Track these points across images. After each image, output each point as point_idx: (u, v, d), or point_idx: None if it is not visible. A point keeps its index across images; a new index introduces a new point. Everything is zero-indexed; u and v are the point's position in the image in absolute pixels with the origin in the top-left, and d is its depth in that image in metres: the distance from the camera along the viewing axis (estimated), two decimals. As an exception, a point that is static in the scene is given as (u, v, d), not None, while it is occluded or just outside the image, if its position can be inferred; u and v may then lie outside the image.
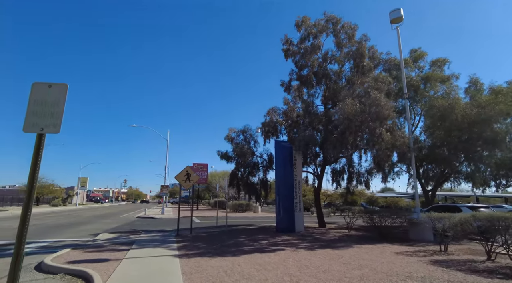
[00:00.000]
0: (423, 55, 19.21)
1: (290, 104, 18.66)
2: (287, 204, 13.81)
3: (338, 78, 16.03)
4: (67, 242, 11.80)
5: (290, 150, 14.52)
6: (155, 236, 13.07)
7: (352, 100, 11.72)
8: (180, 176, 14.25)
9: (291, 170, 14.26)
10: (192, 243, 10.77)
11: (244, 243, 10.59)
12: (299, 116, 18.16)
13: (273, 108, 19.82)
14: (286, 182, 14.04)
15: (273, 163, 18.38)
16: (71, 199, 65.40)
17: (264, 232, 14.26)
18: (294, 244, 10.47)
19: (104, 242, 11.27)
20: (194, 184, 38.23)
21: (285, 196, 13.91)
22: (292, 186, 14.05)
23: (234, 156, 17.78)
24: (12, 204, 49.90)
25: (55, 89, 2.46)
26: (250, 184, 17.89)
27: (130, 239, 12.00)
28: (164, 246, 10.11)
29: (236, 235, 13.09)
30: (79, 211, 40.76)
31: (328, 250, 9.21)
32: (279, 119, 19.24)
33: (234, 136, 18.56)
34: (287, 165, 14.31)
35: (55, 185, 60.36)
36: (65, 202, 58.57)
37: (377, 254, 8.74)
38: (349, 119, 11.41)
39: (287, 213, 13.74)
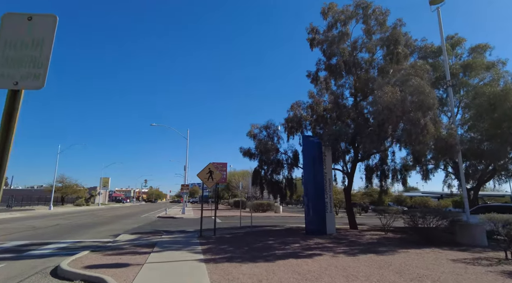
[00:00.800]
0: (461, 42, 17.57)
1: (315, 97, 17.56)
2: (317, 204, 12.75)
3: (370, 67, 14.79)
4: (87, 243, 11.27)
5: (319, 145, 13.45)
6: (177, 237, 12.36)
7: (392, 88, 10.53)
8: (203, 174, 13.48)
9: (320, 167, 13.18)
10: (217, 246, 9.93)
11: (274, 247, 9.64)
12: (326, 110, 17.02)
13: (297, 102, 18.80)
14: (315, 180, 12.98)
15: (298, 160, 17.35)
16: (94, 199, 66.67)
17: (292, 234, 13.26)
18: (330, 248, 9.41)
19: (125, 244, 10.64)
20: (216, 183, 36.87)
21: (314, 196, 12.85)
22: (322, 185, 12.98)
23: (257, 153, 16.85)
24: (39, 204, 51.23)
25: (38, 23, 1.60)
26: (275, 183, 16.91)
27: (151, 241, 11.32)
28: (187, 249, 9.32)
29: (263, 237, 12.17)
30: (101, 210, 41.16)
31: (372, 256, 8.11)
32: (303, 114, 18.18)
33: (256, 133, 17.64)
34: (316, 161, 13.24)
35: (79, 185, 61.69)
36: (88, 202, 59.68)
37: (430, 261, 7.56)
38: (389, 109, 10.22)
39: (317, 213, 12.68)
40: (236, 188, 50.92)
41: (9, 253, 9.02)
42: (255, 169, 18.00)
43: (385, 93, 10.34)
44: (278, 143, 17.04)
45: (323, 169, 13.21)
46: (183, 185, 35.18)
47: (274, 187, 16.85)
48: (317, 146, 13.42)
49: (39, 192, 60.20)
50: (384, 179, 15.06)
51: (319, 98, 17.86)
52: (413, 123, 9.99)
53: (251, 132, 17.76)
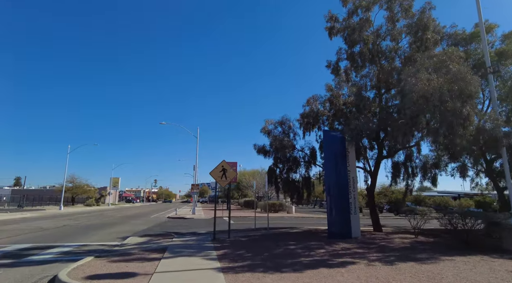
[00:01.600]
0: (492, 28, 16.16)
1: (334, 90, 16.46)
2: (341, 205, 11.67)
3: (395, 55, 13.60)
4: (93, 247, 10.46)
5: (341, 140, 12.35)
6: (189, 241, 11.46)
7: (427, 74, 9.39)
8: (216, 172, 12.55)
9: (344, 165, 12.09)
10: (233, 251, 8.97)
11: (298, 253, 8.62)
12: (346, 104, 15.91)
13: (313, 96, 17.72)
14: (338, 179, 11.89)
15: (316, 157, 16.30)
16: (104, 199, 66.68)
17: (314, 237, 12.21)
18: (361, 254, 8.35)
19: (132, 248, 9.77)
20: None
21: (338, 196, 11.77)
22: (346, 184, 11.89)
23: (272, 150, 15.84)
24: (50, 204, 51.31)
25: None
26: (291, 182, 15.87)
27: (161, 245, 10.44)
28: (201, 255, 8.38)
29: (282, 240, 11.16)
30: (111, 210, 40.77)
31: (414, 265, 7.02)
32: (320, 109, 17.09)
33: (271, 129, 16.63)
34: (339, 159, 12.15)
35: (89, 185, 61.72)
36: (98, 202, 59.64)
37: (487, 273, 6.44)
38: (424, 98, 9.08)
39: (341, 215, 11.60)
40: (246, 187, 50.10)
41: (8, 259, 8.25)
42: (269, 168, 16.99)
43: (420, 80, 9.20)
44: (294, 139, 16.02)
45: (346, 167, 12.12)
46: (193, 184, 34.41)
47: (291, 186, 15.82)
48: (339, 141, 12.33)
49: (51, 192, 60.44)
50: (411, 177, 13.88)
51: (338, 91, 16.77)
52: (454, 113, 8.83)
53: (265, 128, 16.77)
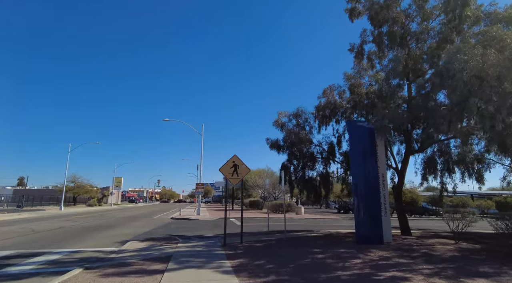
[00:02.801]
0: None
1: (354, 78, 14.98)
2: (371, 206, 10.14)
3: (427, 37, 12.05)
4: (86, 254, 9.03)
5: (370, 132, 10.83)
6: (196, 246, 10.00)
7: (482, 49, 7.86)
8: (226, 169, 11.09)
9: (373, 161, 10.55)
10: (251, 261, 7.49)
11: (329, 264, 7.13)
12: (368, 94, 14.38)
13: (330, 87, 16.29)
14: (367, 176, 10.36)
15: (335, 153, 14.79)
16: (106, 199, 65.54)
17: (339, 243, 10.71)
18: (408, 266, 6.84)
19: (131, 256, 8.33)
20: (230, 182, 34.62)
21: (367, 195, 10.25)
22: (376, 182, 10.37)
23: (287, 144, 14.36)
24: (51, 204, 50.14)
25: None
26: (308, 180, 14.36)
27: (164, 252, 8.99)
28: (213, 266, 6.91)
29: (303, 246, 9.67)
30: (112, 211, 39.47)
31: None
32: (337, 101, 15.60)
33: (285, 122, 15.16)
34: (368, 153, 10.62)
35: (91, 185, 60.61)
36: (100, 202, 58.45)
37: None
38: (478, 78, 7.57)
39: (372, 217, 10.07)
40: (252, 187, 48.56)
41: (-21, 271, 6.82)
42: (283, 164, 15.50)
43: (474, 56, 7.68)
44: (311, 133, 14.51)
45: (376, 162, 10.59)
46: (198, 183, 32.98)
47: (308, 184, 14.31)
48: (368, 133, 10.81)
49: (52, 192, 59.30)
50: (448, 174, 12.32)
51: (358, 80, 15.27)
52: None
53: (278, 121, 15.31)
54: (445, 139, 11.35)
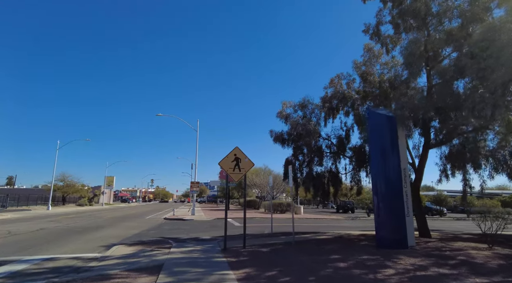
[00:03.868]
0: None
1: (366, 65, 13.73)
2: (394, 205, 8.84)
3: (452, 16, 10.80)
4: (60, 262, 7.58)
5: (391, 123, 9.51)
6: (192, 252, 8.61)
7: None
8: (226, 163, 9.71)
9: (395, 155, 9.24)
10: (259, 271, 6.14)
11: (357, 275, 5.81)
12: (381, 83, 13.14)
13: (338, 76, 15.03)
14: (388, 172, 9.06)
15: (345, 147, 13.50)
16: (98, 199, 63.55)
17: (357, 247, 9.41)
18: (455, 278, 5.56)
19: (114, 265, 6.92)
20: (229, 180, 33.16)
21: (389, 194, 8.95)
22: (398, 178, 9.07)
23: (293, 137, 13.02)
24: (39, 204, 48.09)
25: None
26: (316, 177, 13.03)
27: (155, 259, 7.60)
28: (214, 279, 5.55)
29: (317, 252, 8.35)
30: (103, 211, 37.78)
31: None
32: (346, 91, 14.32)
33: (289, 113, 13.83)
34: (389, 146, 9.30)
35: (83, 185, 58.64)
36: (91, 202, 56.54)
37: None
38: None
39: (394, 218, 8.78)
40: (249, 186, 47.11)
41: None
42: (287, 160, 14.17)
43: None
44: (319, 125, 13.18)
45: (398, 156, 9.29)
46: (193, 182, 31.46)
47: (315, 182, 12.98)
48: (389, 123, 9.48)
49: (41, 191, 57.10)
50: (474, 170, 11.07)
51: (369, 69, 14.02)
52: None
53: (282, 112, 13.98)
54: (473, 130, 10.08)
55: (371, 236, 12.21)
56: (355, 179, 14.41)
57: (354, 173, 14.30)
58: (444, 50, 11.46)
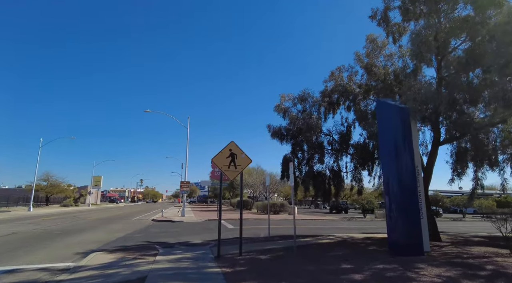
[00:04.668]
0: None
1: (366, 58, 12.87)
2: (408, 207, 7.91)
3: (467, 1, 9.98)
4: (24, 275, 6.40)
5: (403, 115, 8.59)
6: (181, 260, 7.52)
7: None
8: (220, 158, 8.64)
9: (408, 150, 8.31)
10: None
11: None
12: (385, 76, 12.28)
13: (339, 68, 14.17)
14: (402, 170, 8.12)
15: (348, 144, 12.60)
16: (84, 199, 61.43)
17: (367, 253, 8.46)
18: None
19: (87, 279, 5.79)
20: (221, 179, 31.92)
21: (402, 194, 8.01)
22: (412, 176, 8.16)
23: (292, 132, 12.04)
24: (20, 204, 45.94)
25: None
26: (317, 175, 12.06)
27: (137, 270, 6.48)
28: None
29: (324, 260, 7.38)
30: (89, 212, 36.13)
31: None
32: (346, 85, 13.42)
33: (288, 106, 12.85)
34: (401, 141, 8.36)
35: (70, 184, 56.51)
36: (77, 202, 54.51)
37: None
38: None
39: (409, 221, 7.85)
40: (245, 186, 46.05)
41: None
42: (285, 157, 13.19)
43: None
44: (320, 120, 12.23)
45: (412, 153, 8.38)
46: (183, 182, 30.21)
47: (316, 181, 12.01)
48: (400, 115, 8.55)
49: (23, 192, 54.78)
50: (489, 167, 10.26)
51: (372, 60, 13.15)
52: None
53: (280, 106, 12.97)
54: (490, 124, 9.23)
55: (377, 239, 11.33)
56: (356, 177, 13.53)
57: (356, 172, 13.42)
58: (455, 40, 10.66)
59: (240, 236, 8.37)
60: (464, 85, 8.88)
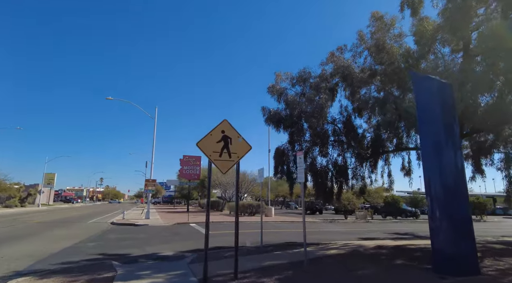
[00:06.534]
0: None
1: (368, 41, 11.19)
2: (458, 211, 6.02)
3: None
4: None
5: (449, 93, 6.73)
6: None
7: None
8: (209, 143, 6.22)
9: (455, 141, 6.47)
10: None
11: None
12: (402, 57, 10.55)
13: (340, 48, 12.30)
14: (448, 165, 6.25)
15: (357, 134, 10.67)
16: (34, 199, 54.90)
17: (398, 269, 6.52)
18: None
19: None
20: (186, 180, 28.21)
21: (449, 194, 6.11)
22: (461, 173, 6.32)
23: (293, 118, 9.84)
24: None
25: None
26: (321, 171, 9.98)
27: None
28: None
29: None
30: (36, 213, 31.44)
31: None
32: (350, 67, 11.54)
33: (285, 87, 10.66)
34: (449, 129, 6.49)
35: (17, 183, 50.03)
36: (23, 202, 48.26)
37: None
38: None
39: (460, 230, 5.95)
40: (212, 186, 43.16)
41: None
42: (277, 150, 10.99)
43: None
44: (328, 103, 10.19)
45: (460, 144, 6.57)
46: (148, 180, 26.92)
47: (319, 177, 9.91)
48: (446, 94, 6.67)
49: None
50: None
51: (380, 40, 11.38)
52: None
53: (275, 87, 10.77)
54: None
55: (392, 248, 9.54)
56: (358, 175, 11.69)
57: (358, 168, 11.57)
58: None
59: (236, 250, 5.99)
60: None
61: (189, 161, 38.72)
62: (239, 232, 6.15)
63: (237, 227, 6.16)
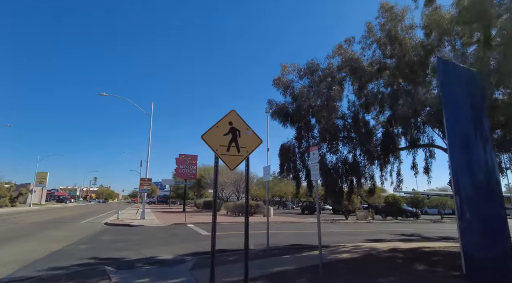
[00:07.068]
0: None
1: (377, 33, 10.65)
2: (492, 212, 5.47)
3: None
4: None
5: (479, 84, 6.15)
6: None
7: None
8: (215, 135, 5.54)
9: (485, 135, 5.90)
10: None
11: None
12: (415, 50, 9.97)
13: (348, 40, 11.80)
14: (478, 161, 5.68)
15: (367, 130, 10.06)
16: (25, 198, 53.57)
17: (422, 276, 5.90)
18: None
19: None
20: (183, 179, 27.44)
21: (480, 193, 5.55)
22: (493, 169, 5.76)
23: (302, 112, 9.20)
24: None
25: None
26: (332, 170, 9.35)
27: None
28: None
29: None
30: (27, 213, 30.45)
31: None
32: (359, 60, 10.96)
33: (291, 80, 10.02)
34: (479, 122, 5.91)
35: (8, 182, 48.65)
36: (14, 202, 47.03)
37: None
38: None
39: (497, 234, 5.40)
40: (209, 185, 42.30)
41: None
42: (283, 146, 10.33)
43: None
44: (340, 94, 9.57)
45: (490, 138, 5.98)
46: (143, 179, 26.12)
47: (330, 176, 9.26)
48: (476, 84, 6.09)
49: None
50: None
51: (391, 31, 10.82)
52: None
53: (281, 79, 10.11)
54: None
55: (407, 251, 8.98)
56: (367, 173, 11.11)
57: (367, 166, 10.98)
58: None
59: (246, 256, 5.32)
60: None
61: (185, 160, 37.98)
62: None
63: (247, 229, 5.48)
